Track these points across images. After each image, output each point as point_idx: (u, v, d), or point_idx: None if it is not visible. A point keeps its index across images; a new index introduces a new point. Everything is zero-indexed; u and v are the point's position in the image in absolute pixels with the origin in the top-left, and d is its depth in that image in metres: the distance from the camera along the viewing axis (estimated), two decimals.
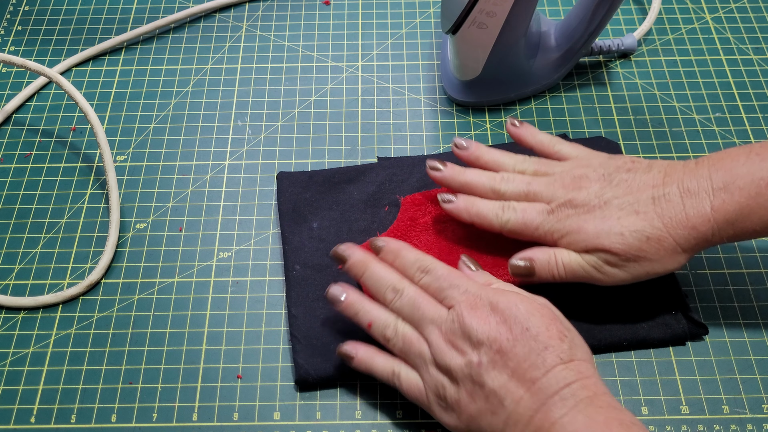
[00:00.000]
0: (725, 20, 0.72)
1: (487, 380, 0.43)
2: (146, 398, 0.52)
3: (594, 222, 0.49)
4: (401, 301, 0.48)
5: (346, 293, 0.50)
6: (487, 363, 0.44)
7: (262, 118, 0.66)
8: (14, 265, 0.58)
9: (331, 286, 0.50)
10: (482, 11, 0.57)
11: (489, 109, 0.66)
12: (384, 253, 0.51)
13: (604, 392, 0.43)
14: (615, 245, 0.48)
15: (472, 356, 0.44)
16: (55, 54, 0.71)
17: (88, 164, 0.64)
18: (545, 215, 0.51)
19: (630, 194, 0.49)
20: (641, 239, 0.48)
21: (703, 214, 0.47)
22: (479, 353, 0.44)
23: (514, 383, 0.43)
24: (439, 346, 0.46)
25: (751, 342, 0.53)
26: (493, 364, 0.43)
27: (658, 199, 0.48)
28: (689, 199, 0.48)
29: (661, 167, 0.50)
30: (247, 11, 0.74)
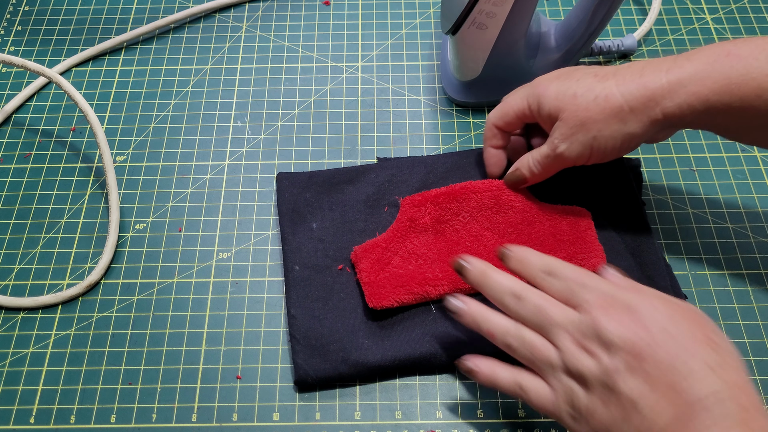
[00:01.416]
0: (725, 20, 0.71)
1: (622, 386, 0.40)
2: (145, 399, 0.52)
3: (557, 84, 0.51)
4: (522, 308, 0.45)
5: (468, 303, 0.48)
6: (622, 367, 0.40)
7: (261, 119, 0.66)
8: (14, 266, 0.58)
9: (449, 298, 0.48)
10: (482, 12, 0.57)
11: (489, 109, 0.66)
12: (508, 260, 0.48)
13: (757, 409, 0.38)
14: (568, 105, 0.49)
15: (606, 360, 0.41)
16: (55, 54, 0.71)
17: (88, 164, 0.64)
18: None
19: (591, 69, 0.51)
20: (589, 98, 0.49)
21: (657, 73, 0.47)
22: (614, 357, 0.41)
23: (650, 389, 0.39)
24: (569, 350, 0.43)
25: (751, 343, 0.53)
26: (629, 369, 0.40)
27: (616, 72, 0.50)
28: (648, 67, 0.48)
29: None
30: (247, 11, 0.74)
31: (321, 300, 0.54)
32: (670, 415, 0.38)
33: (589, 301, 0.43)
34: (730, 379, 0.38)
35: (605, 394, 0.41)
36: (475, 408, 0.51)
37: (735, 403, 0.37)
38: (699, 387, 0.38)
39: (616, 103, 0.48)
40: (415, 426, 0.50)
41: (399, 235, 0.56)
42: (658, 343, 0.40)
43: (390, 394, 0.52)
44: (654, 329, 0.40)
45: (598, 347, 0.41)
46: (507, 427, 0.50)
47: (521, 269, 0.48)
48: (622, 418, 0.40)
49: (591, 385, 0.41)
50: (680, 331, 0.40)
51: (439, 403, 0.51)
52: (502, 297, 0.46)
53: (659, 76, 0.47)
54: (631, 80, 0.48)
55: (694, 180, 0.61)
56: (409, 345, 0.52)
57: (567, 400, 0.43)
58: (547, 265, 0.46)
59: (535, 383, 0.45)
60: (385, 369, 0.51)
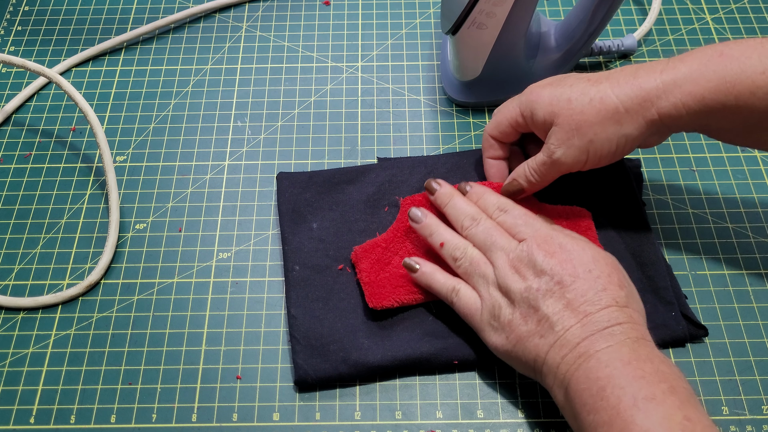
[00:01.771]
0: (725, 20, 0.71)
1: (543, 305, 0.46)
2: (145, 399, 0.52)
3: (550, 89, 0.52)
4: (476, 229, 0.52)
5: (427, 216, 0.54)
6: (545, 290, 0.46)
7: (261, 119, 0.66)
8: (14, 266, 0.58)
9: (412, 208, 0.54)
10: (482, 12, 0.57)
11: (489, 109, 0.66)
12: (469, 194, 0.55)
13: (649, 339, 0.45)
14: (563, 110, 0.50)
15: (533, 282, 0.47)
16: (55, 54, 0.71)
17: (88, 164, 0.64)
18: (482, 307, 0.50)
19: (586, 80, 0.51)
20: (584, 101, 0.49)
21: (651, 74, 0.48)
22: (540, 281, 0.47)
23: (567, 313, 0.45)
24: (503, 269, 0.49)
25: (751, 343, 0.53)
26: (551, 293, 0.46)
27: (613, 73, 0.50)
28: (642, 69, 0.49)
29: None
30: (247, 11, 0.74)
31: (321, 300, 0.54)
32: (579, 334, 0.45)
33: (530, 235, 0.49)
34: (631, 316, 0.46)
35: (527, 310, 0.47)
36: (475, 408, 0.51)
37: (634, 331, 0.45)
38: (607, 318, 0.45)
39: (611, 105, 0.49)
40: (415, 426, 0.50)
41: (399, 235, 0.56)
42: (580, 277, 0.46)
43: (390, 394, 0.52)
44: (579, 266, 0.47)
45: (528, 271, 0.48)
46: (507, 427, 0.50)
47: (478, 203, 0.54)
48: (537, 333, 0.46)
49: (515, 301, 0.47)
50: (600, 271, 0.47)
51: (439, 403, 0.51)
52: (461, 218, 0.53)
53: (653, 77, 0.48)
54: (626, 82, 0.49)
55: (694, 180, 0.61)
56: (409, 345, 0.52)
57: (491, 311, 0.49)
58: (501, 204, 0.53)
59: (469, 292, 0.50)
60: (385, 369, 0.51)
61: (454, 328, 0.53)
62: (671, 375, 0.42)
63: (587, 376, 0.43)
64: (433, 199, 0.55)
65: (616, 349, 0.44)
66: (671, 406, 0.40)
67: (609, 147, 0.50)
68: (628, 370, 0.42)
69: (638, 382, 0.42)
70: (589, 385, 0.43)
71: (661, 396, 0.41)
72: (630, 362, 0.43)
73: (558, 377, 0.45)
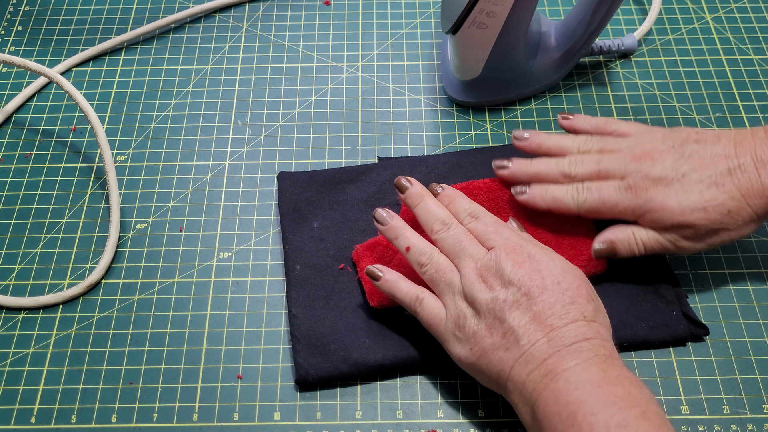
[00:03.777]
0: (725, 20, 0.72)
1: (509, 317, 0.45)
2: (146, 398, 0.52)
3: (677, 197, 0.50)
4: (446, 233, 0.50)
5: (393, 218, 0.52)
6: (512, 301, 0.45)
7: (262, 118, 0.66)
8: (14, 266, 0.58)
9: (378, 209, 0.52)
10: (482, 11, 0.57)
11: (489, 109, 0.66)
12: (440, 196, 0.53)
13: (618, 357, 0.44)
14: (699, 220, 0.49)
15: (500, 293, 0.46)
16: (55, 54, 0.71)
17: (89, 164, 0.64)
18: (622, 192, 0.51)
19: (705, 166, 0.50)
20: (723, 212, 0.49)
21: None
22: (507, 291, 0.46)
23: (534, 326, 0.44)
24: (470, 277, 0.47)
25: (752, 342, 0.53)
26: (518, 305, 0.45)
27: (733, 170, 0.49)
28: (764, 169, 0.49)
29: (730, 137, 0.51)
30: (247, 11, 0.74)
31: (322, 299, 0.54)
32: (545, 349, 0.44)
33: (499, 244, 0.48)
34: (599, 331, 0.45)
35: (492, 321, 0.45)
36: (476, 407, 0.51)
37: (602, 348, 0.44)
38: (575, 332, 0.44)
39: (747, 216, 0.50)
40: (416, 425, 0.50)
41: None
42: (548, 288, 0.45)
43: (391, 393, 0.52)
44: (547, 277, 0.46)
45: (496, 281, 0.46)
46: (508, 426, 0.50)
47: (449, 206, 0.52)
48: (503, 346, 0.45)
49: (481, 312, 0.46)
50: (569, 283, 0.46)
51: (440, 403, 0.51)
52: (431, 221, 0.51)
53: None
54: (755, 192, 0.49)
55: None
56: (410, 344, 0.52)
57: (456, 321, 0.47)
58: (473, 210, 0.51)
59: (433, 301, 0.49)
60: (386, 368, 0.51)
61: None
62: (642, 399, 0.41)
63: (556, 398, 0.42)
64: (403, 198, 0.53)
65: (584, 368, 0.42)
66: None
67: (737, 239, 0.51)
68: (599, 395, 0.41)
69: (610, 408, 0.40)
70: (559, 409, 0.41)
71: (634, 423, 0.40)
72: (600, 385, 0.41)
73: (524, 395, 0.44)
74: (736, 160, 0.49)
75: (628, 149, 0.52)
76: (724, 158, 0.50)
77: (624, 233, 0.51)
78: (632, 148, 0.52)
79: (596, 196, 0.51)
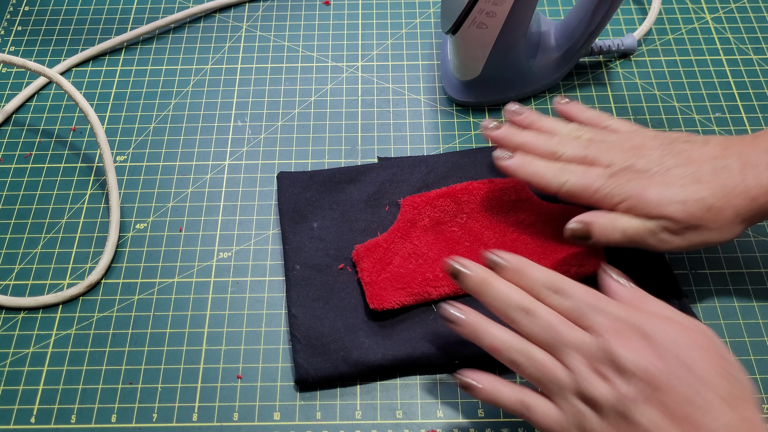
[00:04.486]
0: (725, 20, 0.72)
1: (637, 415, 0.39)
2: (146, 398, 0.52)
3: (656, 188, 0.49)
4: (535, 324, 0.44)
5: (466, 313, 0.46)
6: (639, 396, 0.39)
7: (262, 118, 0.66)
8: (14, 266, 0.58)
9: (443, 305, 0.47)
10: (482, 11, 0.57)
11: (489, 109, 0.66)
12: (505, 271, 0.46)
13: None
14: (677, 213, 0.48)
15: (622, 387, 0.40)
16: (55, 54, 0.71)
17: (88, 164, 0.64)
18: (606, 178, 0.50)
19: (691, 164, 0.49)
20: (703, 208, 0.48)
21: (764, 185, 0.48)
22: (630, 385, 0.40)
23: (667, 422, 0.39)
24: (582, 372, 0.41)
25: (751, 342, 0.53)
26: (645, 398, 0.39)
27: (719, 170, 0.49)
28: (749, 170, 0.48)
29: (719, 141, 0.51)
30: (247, 11, 0.74)
31: (322, 299, 0.54)
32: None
33: (601, 324, 0.42)
34: (743, 413, 0.39)
35: (619, 422, 0.40)
36: (476, 407, 0.51)
37: None
38: (714, 420, 0.38)
39: (729, 216, 0.48)
40: (416, 425, 0.50)
41: (400, 235, 0.56)
42: (675, 374, 0.39)
43: (391, 393, 0.52)
44: (670, 359, 0.40)
45: (612, 373, 0.40)
46: (508, 426, 0.50)
47: (520, 282, 0.46)
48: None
49: (604, 412, 0.40)
50: (695, 360, 0.40)
51: (440, 403, 0.51)
52: (509, 311, 0.45)
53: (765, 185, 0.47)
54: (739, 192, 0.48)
55: None
56: (410, 344, 0.52)
57: (577, 424, 0.41)
58: (553, 282, 0.45)
59: (543, 403, 0.43)
60: (385, 368, 0.52)
61: None
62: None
63: None
64: (463, 287, 0.47)
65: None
66: None
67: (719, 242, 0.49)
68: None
69: None
70: None
71: None
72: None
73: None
74: (722, 161, 0.49)
75: (617, 142, 0.52)
76: (710, 158, 0.49)
77: (604, 217, 0.49)
78: (622, 142, 0.52)
79: (579, 178, 0.51)
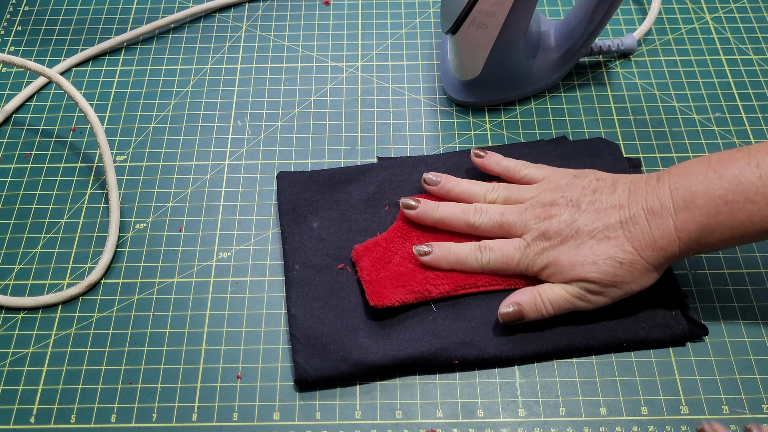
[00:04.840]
0: (725, 20, 0.72)
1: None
2: (146, 398, 0.52)
3: (570, 252, 0.51)
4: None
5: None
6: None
7: (261, 118, 0.66)
8: (14, 265, 0.58)
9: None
10: (482, 11, 0.57)
11: (489, 109, 0.66)
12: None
13: None
14: (591, 274, 0.50)
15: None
16: (55, 54, 0.71)
17: (88, 164, 0.64)
18: (523, 250, 0.52)
19: (599, 219, 0.51)
20: (615, 265, 0.49)
21: (669, 234, 0.48)
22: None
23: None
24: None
25: (751, 342, 0.53)
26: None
27: (625, 222, 0.50)
28: (654, 219, 0.49)
29: (626, 185, 0.51)
30: (247, 11, 0.74)
31: (321, 299, 0.54)
32: None
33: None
34: None
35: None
36: (475, 407, 0.51)
37: None
38: None
39: (643, 268, 0.50)
40: (415, 425, 0.50)
41: (399, 234, 0.56)
42: None
43: (390, 393, 0.52)
44: None
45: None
46: (507, 426, 0.50)
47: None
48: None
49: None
50: None
51: (440, 403, 0.51)
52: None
53: (670, 234, 0.48)
54: (647, 244, 0.49)
55: None
56: (410, 344, 0.52)
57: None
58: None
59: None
60: (385, 368, 0.51)
61: (455, 328, 0.53)
62: None
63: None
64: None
65: None
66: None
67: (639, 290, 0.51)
68: None
69: None
70: None
71: None
72: None
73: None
74: (627, 211, 0.50)
75: (531, 203, 0.54)
76: (617, 209, 0.50)
77: (529, 294, 0.52)
78: (534, 206, 0.53)
79: (498, 255, 0.53)
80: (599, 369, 0.52)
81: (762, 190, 0.47)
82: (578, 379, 0.52)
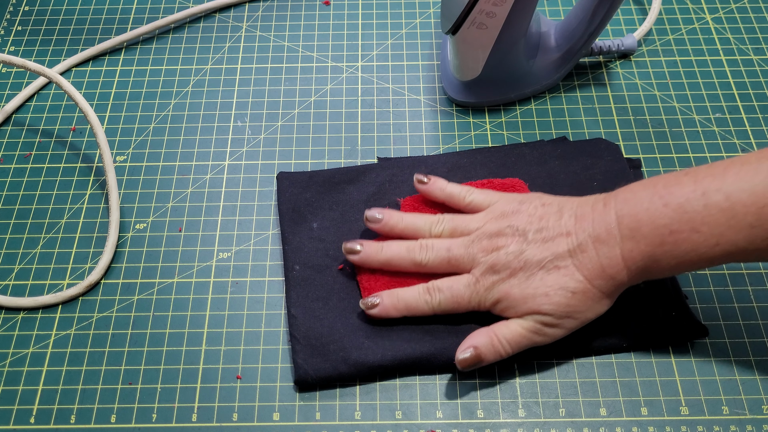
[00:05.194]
0: (725, 20, 0.72)
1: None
2: (146, 399, 0.52)
3: (519, 286, 0.49)
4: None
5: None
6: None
7: (261, 119, 0.66)
8: (14, 266, 0.58)
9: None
10: (482, 11, 0.57)
11: (489, 109, 0.66)
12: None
13: None
14: (544, 306, 0.49)
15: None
16: (55, 54, 0.71)
17: (88, 164, 0.64)
18: (473, 286, 0.51)
19: (547, 249, 0.49)
20: (567, 295, 0.48)
21: (617, 263, 0.47)
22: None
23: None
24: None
25: (751, 343, 0.53)
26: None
27: (573, 250, 0.48)
28: (602, 247, 0.48)
29: (572, 211, 0.50)
30: (247, 11, 0.74)
31: (321, 300, 0.54)
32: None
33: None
34: None
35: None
36: (475, 408, 0.51)
37: None
38: None
39: (595, 296, 0.49)
40: (415, 426, 0.50)
41: None
42: None
43: (390, 393, 0.52)
44: None
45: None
46: (507, 426, 0.50)
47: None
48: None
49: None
50: None
51: (440, 403, 0.51)
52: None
53: (618, 264, 0.47)
54: (596, 273, 0.48)
55: None
56: (410, 345, 0.52)
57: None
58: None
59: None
60: (385, 369, 0.51)
61: (454, 328, 0.53)
62: None
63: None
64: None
65: None
66: None
67: (594, 317, 0.50)
68: None
69: None
70: None
71: None
72: None
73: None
74: (575, 238, 0.49)
75: (477, 235, 0.52)
76: (564, 237, 0.49)
77: (486, 337, 0.50)
78: (480, 237, 0.52)
79: (448, 296, 0.51)
80: (599, 369, 0.52)
81: (707, 219, 0.45)
82: (578, 380, 0.52)
